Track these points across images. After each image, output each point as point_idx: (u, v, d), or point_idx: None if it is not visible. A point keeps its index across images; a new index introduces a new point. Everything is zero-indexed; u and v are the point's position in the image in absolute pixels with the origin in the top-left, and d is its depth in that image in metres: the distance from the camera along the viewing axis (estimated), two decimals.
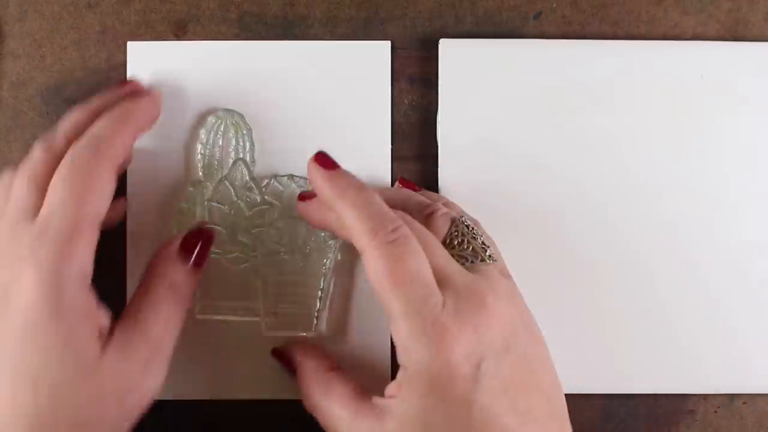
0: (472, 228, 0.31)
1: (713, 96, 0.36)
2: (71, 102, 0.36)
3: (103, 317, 0.29)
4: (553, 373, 0.30)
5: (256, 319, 0.34)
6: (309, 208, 0.32)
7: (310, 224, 0.33)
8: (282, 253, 0.34)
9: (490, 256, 0.31)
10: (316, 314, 0.34)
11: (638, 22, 0.37)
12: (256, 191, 0.34)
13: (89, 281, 0.28)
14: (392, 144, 0.36)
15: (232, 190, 0.34)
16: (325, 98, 0.36)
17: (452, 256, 0.30)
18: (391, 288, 0.27)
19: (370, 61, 0.36)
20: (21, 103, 0.36)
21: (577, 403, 0.35)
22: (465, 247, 0.31)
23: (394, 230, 0.28)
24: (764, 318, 0.35)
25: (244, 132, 0.35)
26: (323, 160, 0.31)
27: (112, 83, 0.36)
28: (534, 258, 0.35)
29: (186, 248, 0.32)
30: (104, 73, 0.36)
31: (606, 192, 0.36)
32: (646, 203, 0.35)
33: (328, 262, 0.34)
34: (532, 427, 0.27)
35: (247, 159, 0.35)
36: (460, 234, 0.31)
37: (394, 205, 0.30)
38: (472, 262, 0.30)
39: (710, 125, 0.36)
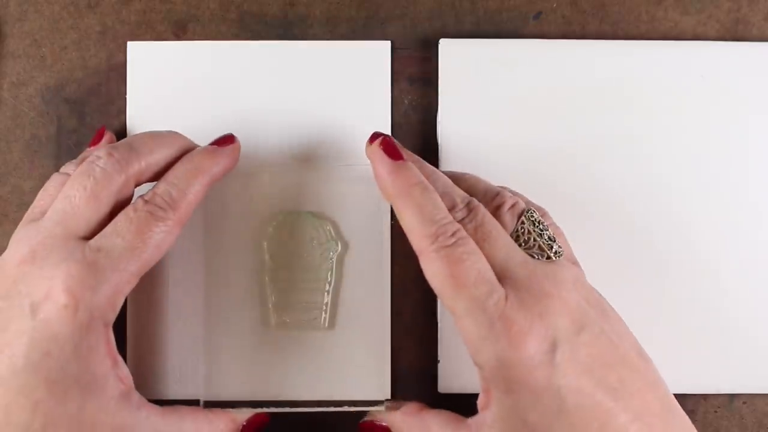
0: (539, 222, 0.31)
1: (713, 96, 0.36)
2: (71, 102, 0.36)
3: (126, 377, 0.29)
4: (637, 347, 0.29)
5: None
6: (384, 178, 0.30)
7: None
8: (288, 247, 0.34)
9: (555, 252, 0.30)
10: (324, 308, 0.34)
11: (638, 22, 0.37)
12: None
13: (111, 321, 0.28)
14: None
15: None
16: (326, 98, 0.36)
17: None
18: (453, 290, 0.28)
19: (370, 61, 0.36)
20: (21, 103, 0.36)
21: None
22: (531, 244, 0.30)
23: (453, 234, 0.28)
24: (764, 318, 0.35)
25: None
26: (389, 147, 0.30)
27: (112, 83, 0.36)
28: None
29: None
30: (104, 73, 0.36)
31: (606, 191, 0.35)
32: (646, 203, 0.35)
33: (332, 255, 0.34)
34: (629, 401, 0.26)
35: None
36: (526, 231, 0.30)
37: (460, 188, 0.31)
38: (538, 258, 0.30)
39: (710, 125, 0.36)
